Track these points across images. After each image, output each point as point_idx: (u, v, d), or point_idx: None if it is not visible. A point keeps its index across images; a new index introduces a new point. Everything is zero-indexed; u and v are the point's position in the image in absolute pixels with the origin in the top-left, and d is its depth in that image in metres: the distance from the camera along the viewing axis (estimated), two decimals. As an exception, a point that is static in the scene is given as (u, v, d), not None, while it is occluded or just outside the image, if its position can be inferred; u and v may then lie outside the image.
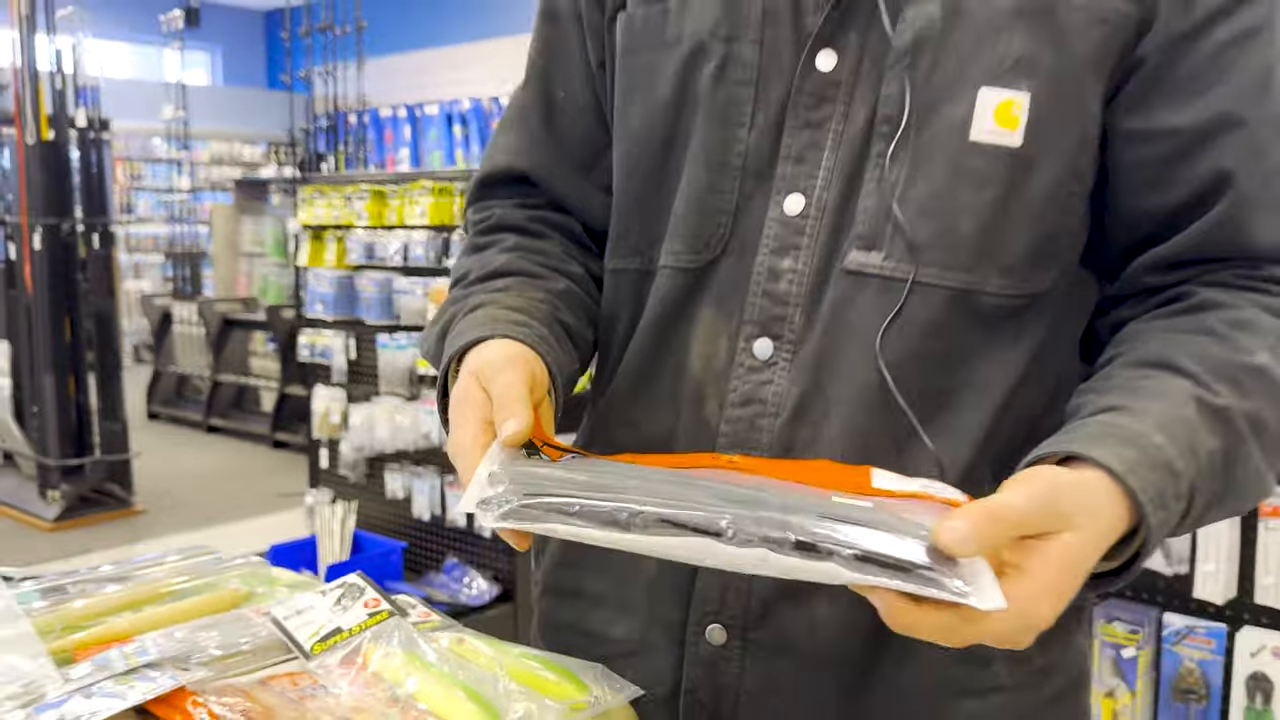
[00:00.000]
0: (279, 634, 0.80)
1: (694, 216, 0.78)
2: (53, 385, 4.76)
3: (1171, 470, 0.59)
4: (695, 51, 0.77)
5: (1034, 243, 0.71)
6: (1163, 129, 0.70)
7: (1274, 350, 0.67)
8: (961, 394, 0.72)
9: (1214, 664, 1.80)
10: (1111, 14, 0.68)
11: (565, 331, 0.81)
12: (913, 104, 0.70)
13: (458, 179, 3.14)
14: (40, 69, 4.56)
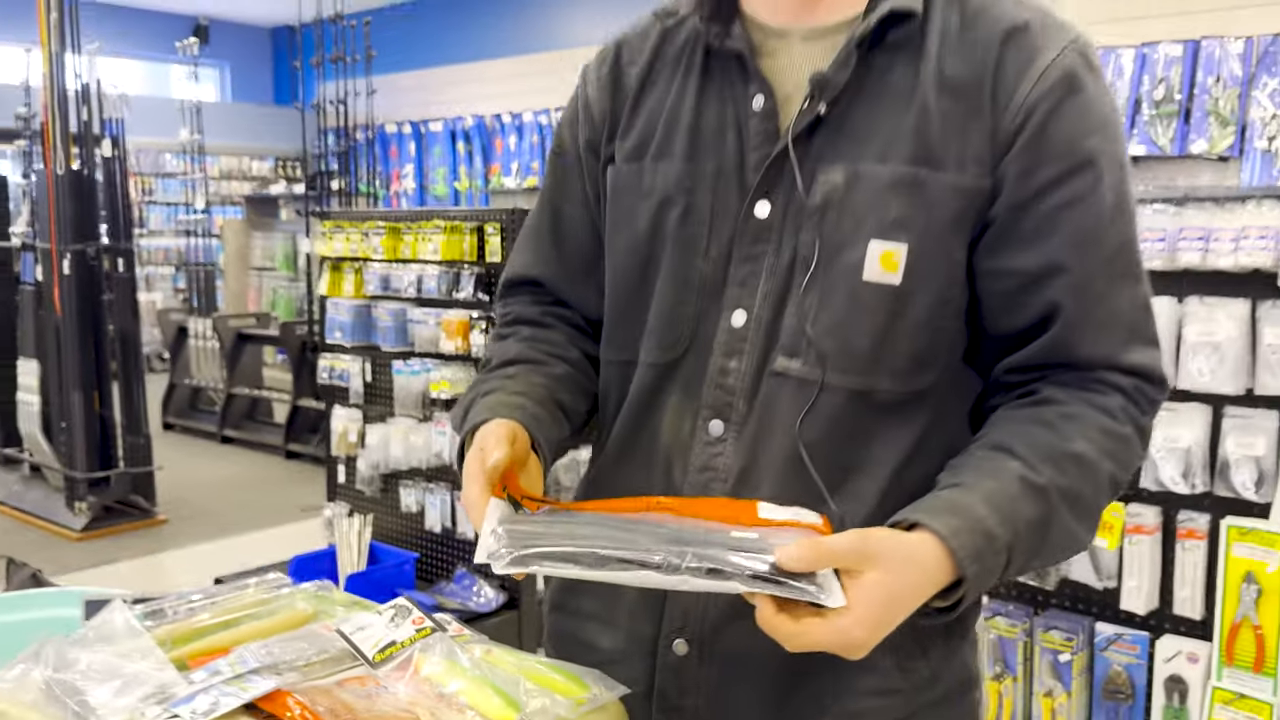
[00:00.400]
0: (347, 646, 1.05)
1: (664, 324, 1.02)
2: (80, 402, 4.99)
3: (989, 535, 0.82)
4: (664, 200, 1.01)
5: (914, 354, 0.94)
6: (1010, 270, 0.93)
7: (1090, 440, 0.89)
8: (862, 466, 0.95)
9: (1139, 667, 2.03)
10: (967, 188, 0.92)
11: (559, 408, 1.06)
12: (821, 250, 0.94)
13: (468, 219, 3.36)
14: (68, 92, 4.80)
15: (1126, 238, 0.93)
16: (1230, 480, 1.90)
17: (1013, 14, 0.94)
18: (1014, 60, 0.91)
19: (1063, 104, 0.90)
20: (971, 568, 0.81)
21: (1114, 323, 0.92)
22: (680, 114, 1.02)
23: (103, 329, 5.08)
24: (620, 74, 1.09)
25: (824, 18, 0.98)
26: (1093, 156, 0.91)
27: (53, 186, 4.80)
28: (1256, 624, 1.87)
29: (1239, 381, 1.86)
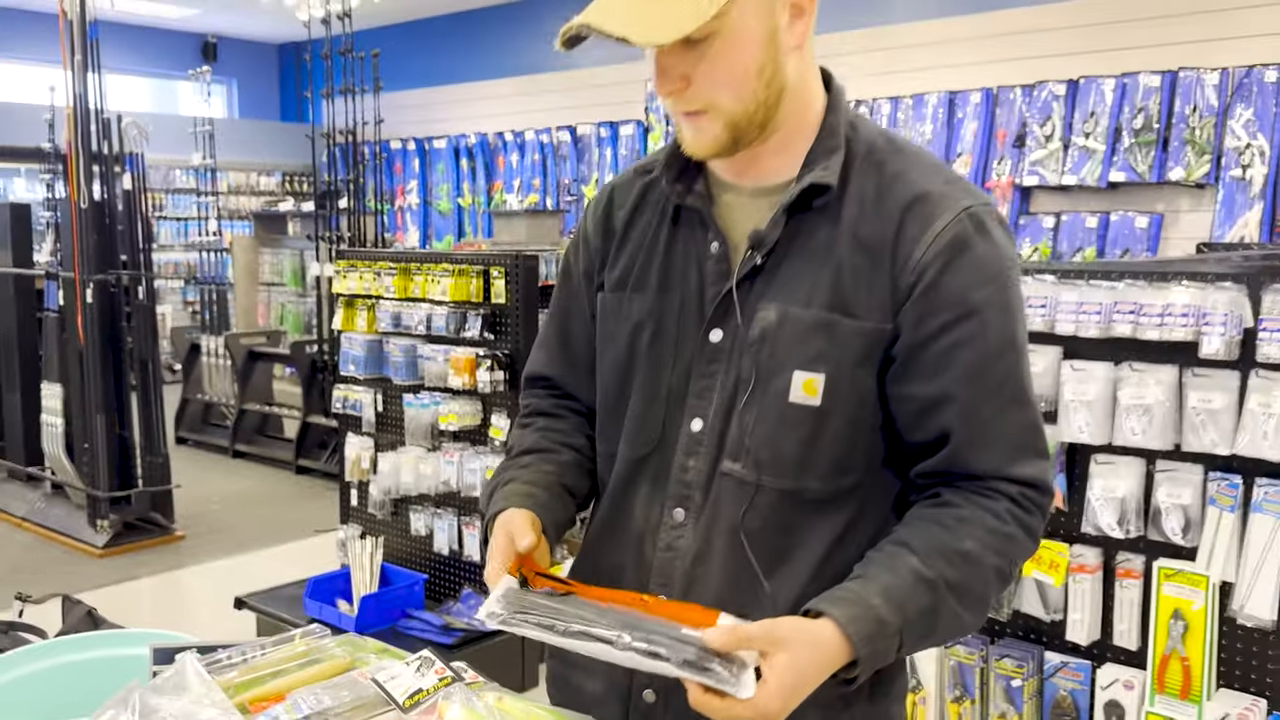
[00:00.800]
0: (381, 692, 1.27)
1: (638, 426, 1.25)
2: (102, 424, 5.21)
3: (881, 622, 1.03)
4: (638, 325, 1.25)
5: (834, 461, 1.16)
6: (911, 396, 1.14)
7: (977, 539, 1.10)
8: (793, 553, 1.17)
9: (1082, 692, 2.25)
10: (871, 331, 1.13)
11: (566, 491, 1.30)
12: (757, 375, 1.16)
13: (475, 263, 3.59)
14: (91, 132, 5.02)
15: (1011, 371, 1.14)
16: (1161, 526, 2.11)
17: (918, 184, 1.15)
18: (912, 226, 1.13)
19: (952, 263, 1.11)
20: (864, 649, 1.02)
21: (1001, 442, 1.13)
22: (655, 254, 1.26)
23: (123, 354, 5.29)
24: (611, 216, 1.32)
25: (767, 179, 1.20)
26: (978, 306, 1.12)
27: (76, 219, 5.02)
28: (1184, 656, 2.09)
29: (1167, 438, 2.08)
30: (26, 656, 1.71)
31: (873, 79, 7.51)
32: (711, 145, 1.15)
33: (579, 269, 1.35)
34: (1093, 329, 2.12)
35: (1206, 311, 2.00)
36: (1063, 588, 2.24)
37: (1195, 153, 5.99)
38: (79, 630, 2.10)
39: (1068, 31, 6.63)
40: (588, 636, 1.02)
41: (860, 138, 1.19)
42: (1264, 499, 2.01)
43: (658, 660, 0.98)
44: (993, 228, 1.15)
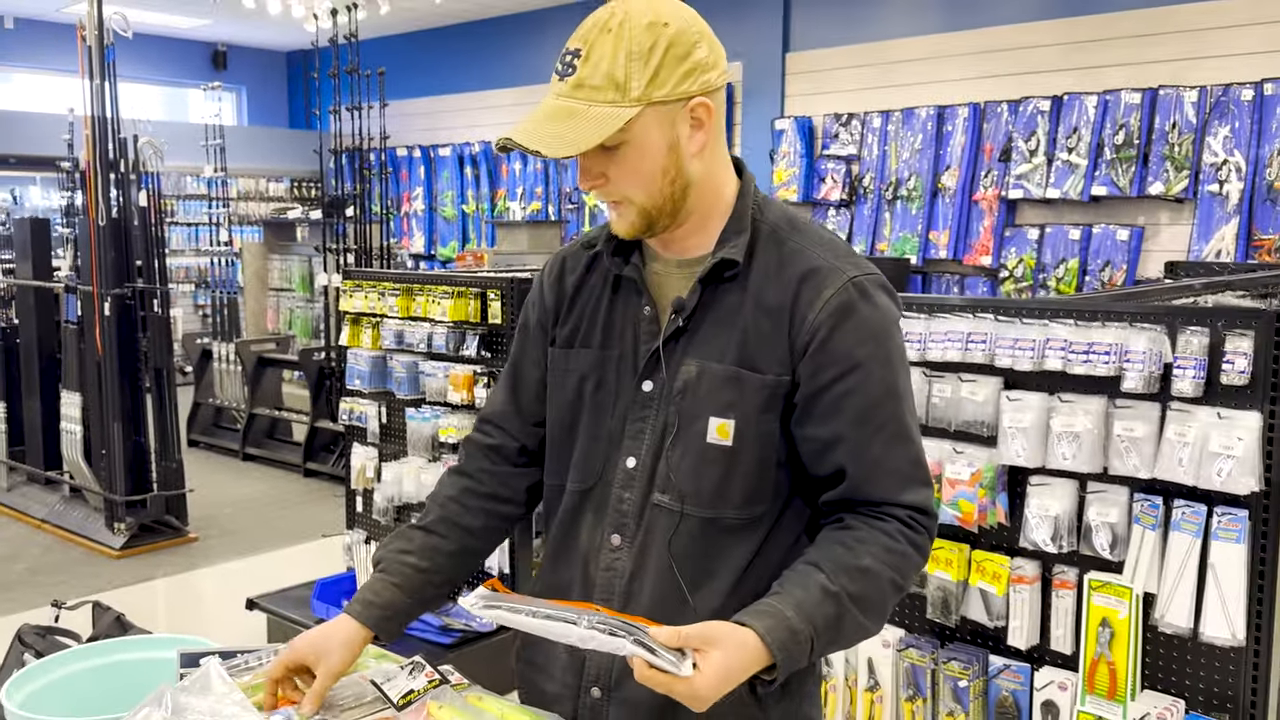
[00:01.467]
0: (379, 693, 1.49)
1: (582, 463, 1.47)
2: (119, 431, 5.44)
3: (794, 631, 1.22)
4: (582, 377, 1.47)
5: (746, 493, 1.37)
6: (809, 437, 1.35)
7: (874, 556, 1.30)
8: (714, 571, 1.38)
9: (1023, 693, 2.45)
10: (772, 383, 1.34)
11: (429, 586, 1.53)
12: (680, 420, 1.38)
13: (474, 285, 3.80)
14: (110, 153, 5.24)
15: (894, 414, 1.34)
16: (1091, 542, 2.32)
17: (811, 259, 1.37)
18: (806, 294, 1.34)
19: (839, 325, 1.33)
20: (780, 655, 1.22)
21: (890, 475, 1.34)
22: (598, 315, 1.48)
23: (139, 363, 5.52)
24: (563, 280, 1.54)
25: (688, 254, 1.43)
26: (862, 360, 1.33)
27: (95, 236, 5.25)
28: (1110, 660, 2.29)
29: (1096, 463, 2.28)
30: (66, 659, 1.93)
31: (864, 93, 7.72)
32: (629, 229, 1.38)
33: (534, 321, 1.57)
34: (1027, 363, 2.32)
35: (1128, 349, 2.20)
36: (1004, 597, 2.45)
37: (1174, 168, 6.18)
38: (109, 635, 2.31)
39: (1052, 49, 6.83)
40: (554, 619, 1.21)
41: (766, 219, 1.42)
42: (1181, 519, 2.21)
43: (615, 637, 1.17)
44: (874, 294, 1.37)
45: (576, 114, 1.27)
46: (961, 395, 2.44)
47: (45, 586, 5.05)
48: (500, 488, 1.58)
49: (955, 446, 2.45)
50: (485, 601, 1.28)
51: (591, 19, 1.30)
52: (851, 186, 7.71)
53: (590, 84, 1.27)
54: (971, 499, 2.43)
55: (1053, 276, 6.63)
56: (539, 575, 1.56)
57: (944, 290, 7.33)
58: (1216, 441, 2.11)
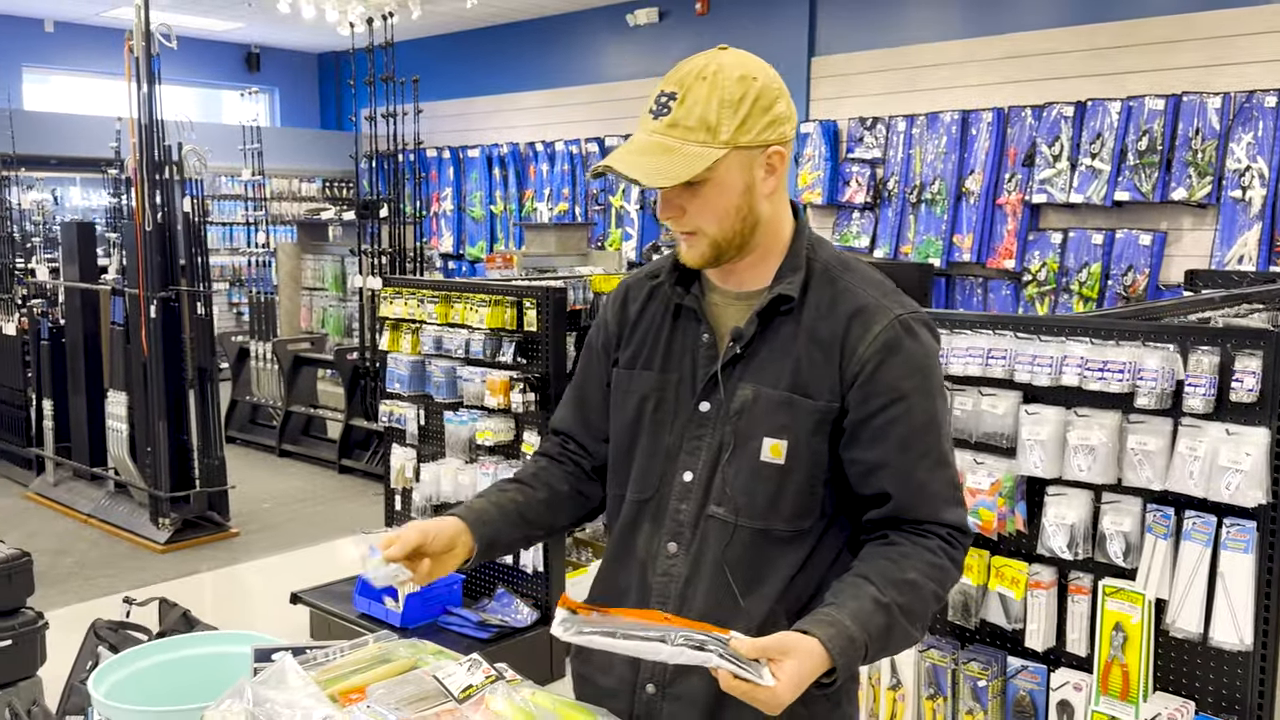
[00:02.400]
0: (441, 687, 1.62)
1: (642, 476, 1.60)
2: (164, 430, 5.62)
3: (851, 639, 1.33)
4: (643, 397, 1.60)
5: (796, 508, 1.49)
6: (856, 460, 1.48)
7: (918, 569, 1.42)
8: (764, 579, 1.51)
9: (1039, 693, 2.56)
10: (823, 409, 1.47)
11: (521, 519, 1.64)
12: (736, 439, 1.51)
13: (510, 293, 3.94)
14: (157, 159, 5.41)
15: (934, 442, 1.47)
16: (1106, 550, 2.42)
17: (861, 298, 1.50)
18: (856, 330, 1.48)
19: (886, 360, 1.46)
20: (840, 660, 1.33)
21: (931, 497, 1.47)
22: (659, 340, 1.61)
23: (183, 364, 5.70)
24: (626, 308, 1.68)
25: (746, 286, 1.56)
26: (907, 393, 1.46)
27: (141, 242, 5.42)
28: (1123, 662, 2.40)
29: (1110, 474, 2.39)
30: (142, 653, 2.08)
31: (890, 97, 7.80)
32: (699, 259, 1.52)
33: (599, 345, 1.71)
34: (1045, 378, 2.44)
35: (1142, 367, 2.31)
36: (1022, 601, 2.56)
37: (1197, 174, 6.23)
38: (176, 630, 2.46)
39: (1076, 55, 6.89)
40: (643, 639, 1.31)
41: (819, 257, 1.55)
42: (1193, 529, 2.32)
43: (702, 651, 1.28)
44: (919, 330, 1.50)
45: (671, 150, 1.42)
46: (982, 408, 2.55)
47: (94, 580, 5.24)
48: (580, 471, 1.72)
49: (976, 457, 2.56)
50: (575, 628, 1.37)
51: (688, 66, 1.45)
52: (876, 190, 7.80)
53: (685, 124, 1.41)
54: (991, 507, 2.54)
55: (1075, 281, 6.70)
56: (597, 579, 1.68)
57: (967, 293, 7.40)
58: (1226, 456, 2.22)
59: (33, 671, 3.02)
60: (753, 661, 1.29)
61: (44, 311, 6.75)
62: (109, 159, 7.60)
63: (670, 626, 1.34)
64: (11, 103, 9.87)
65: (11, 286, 7.09)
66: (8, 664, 2.95)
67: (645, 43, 9.66)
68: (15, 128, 8.15)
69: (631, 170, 1.43)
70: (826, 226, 8.30)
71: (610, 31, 9.92)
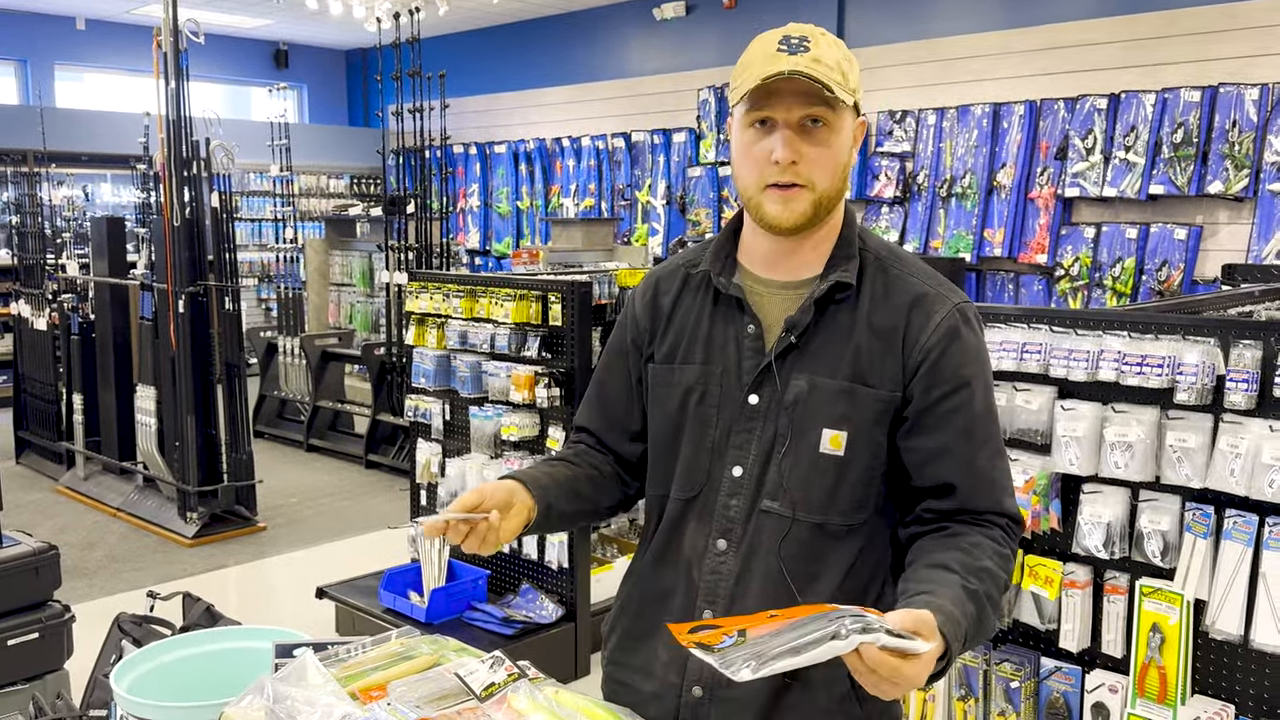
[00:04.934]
0: (463, 685, 1.60)
1: (686, 472, 1.55)
2: (192, 424, 5.65)
3: (957, 624, 1.26)
4: (688, 390, 1.55)
5: (853, 500, 1.46)
6: (918, 448, 1.44)
7: (991, 558, 1.38)
8: (820, 573, 1.47)
9: (1073, 694, 2.51)
10: (885, 398, 1.44)
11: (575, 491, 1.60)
12: (792, 431, 1.46)
13: (535, 288, 3.92)
14: (185, 155, 5.44)
15: (992, 430, 1.46)
16: (1143, 549, 2.37)
17: (918, 287, 1.48)
18: (917, 319, 1.45)
19: (949, 348, 1.44)
20: (955, 645, 1.27)
21: (992, 485, 1.44)
22: (699, 331, 1.57)
23: (211, 359, 5.73)
24: (658, 301, 1.63)
25: (793, 275, 1.52)
26: (968, 380, 1.44)
27: (169, 237, 5.45)
28: (1160, 664, 2.34)
29: (1149, 471, 2.33)
30: (165, 648, 2.07)
31: (920, 90, 7.71)
32: (798, 217, 1.45)
33: (626, 342, 1.66)
34: (1081, 374, 2.38)
35: (1181, 362, 2.25)
36: (1056, 601, 2.50)
37: (1234, 167, 6.12)
38: (200, 624, 2.46)
39: (1110, 47, 6.78)
40: (815, 645, 1.16)
41: (869, 247, 1.52)
42: (1233, 528, 2.26)
43: (868, 634, 1.16)
44: (973, 319, 1.49)
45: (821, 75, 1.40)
46: (1016, 404, 2.50)
47: (123, 573, 5.27)
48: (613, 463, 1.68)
49: (1010, 454, 2.51)
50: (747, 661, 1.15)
51: (796, 26, 1.46)
52: (905, 184, 7.72)
53: (825, 62, 1.40)
54: (1025, 505, 2.49)
55: (1109, 276, 6.60)
56: (634, 581, 1.64)
57: (999, 288, 7.31)
58: (1269, 453, 2.16)
59: (59, 665, 3.03)
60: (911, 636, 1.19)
61: (74, 306, 6.81)
62: (138, 155, 7.66)
63: (822, 615, 1.21)
64: (44, 100, 9.98)
65: (42, 282, 7.15)
66: (35, 657, 2.97)
67: (672, 37, 9.61)
68: (46, 125, 8.23)
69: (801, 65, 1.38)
70: (855, 221, 8.23)
71: (637, 26, 9.88)
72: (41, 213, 7.38)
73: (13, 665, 2.93)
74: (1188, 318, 2.37)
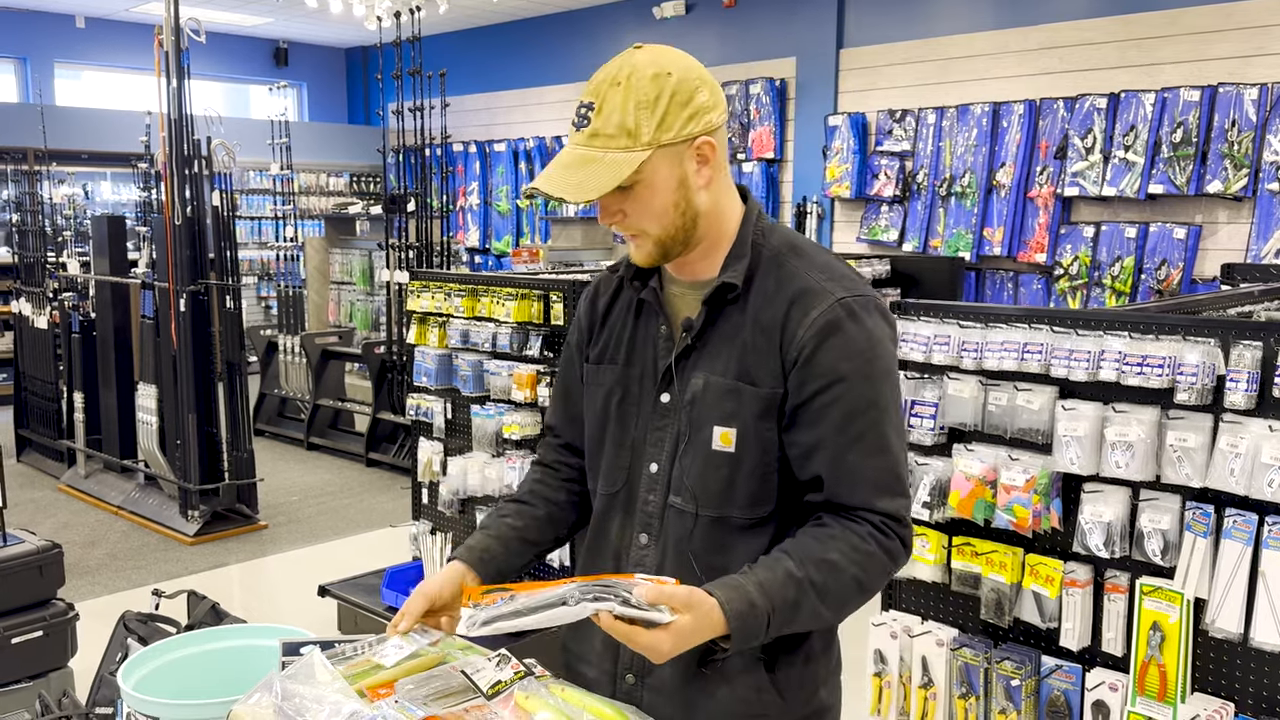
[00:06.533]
0: (469, 683, 1.61)
1: (610, 469, 1.62)
2: (193, 422, 5.66)
3: (752, 604, 1.33)
4: (610, 391, 1.62)
5: (750, 494, 1.49)
6: (795, 442, 1.47)
7: (841, 552, 1.41)
8: (728, 566, 1.48)
9: (1074, 693, 2.52)
10: (767, 395, 1.47)
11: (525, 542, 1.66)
12: (690, 428, 1.52)
13: (537, 287, 3.93)
14: (186, 153, 5.45)
15: (872, 426, 1.45)
16: (1144, 548, 2.38)
17: (803, 281, 1.50)
18: (796, 313, 1.47)
19: (825, 342, 1.45)
20: (735, 623, 1.33)
21: (864, 482, 1.45)
22: (624, 335, 1.63)
23: (212, 357, 5.74)
24: (596, 304, 1.71)
25: (698, 277, 1.57)
26: (845, 375, 1.44)
27: (170, 236, 5.46)
28: (1161, 663, 2.36)
29: (1149, 471, 2.34)
30: (172, 645, 2.08)
31: (919, 89, 7.72)
32: (646, 259, 1.53)
33: (574, 343, 1.73)
34: (1081, 373, 2.39)
35: (1182, 362, 2.26)
36: (1057, 599, 2.52)
37: (1233, 166, 6.13)
38: (205, 622, 2.47)
39: (1110, 46, 6.79)
40: (548, 606, 1.31)
41: (769, 243, 1.55)
42: (1233, 527, 2.27)
43: (600, 602, 1.28)
44: (862, 314, 1.48)
45: (593, 161, 1.42)
46: (1017, 404, 2.51)
47: (125, 571, 5.28)
48: (575, 473, 1.74)
49: (1011, 453, 2.52)
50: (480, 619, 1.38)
51: (602, 73, 1.44)
52: (905, 183, 7.73)
53: (604, 133, 1.41)
54: (1026, 504, 2.50)
55: (1108, 275, 6.61)
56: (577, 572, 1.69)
57: (998, 287, 7.33)
58: (1268, 453, 2.17)
59: (64, 662, 3.04)
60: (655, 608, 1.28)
61: (75, 305, 6.82)
62: (139, 154, 7.66)
63: (572, 584, 1.33)
64: (43, 98, 9.97)
65: (43, 280, 7.16)
66: (39, 655, 2.98)
67: (672, 36, 9.62)
68: (47, 123, 8.23)
69: (557, 188, 1.43)
70: (854, 220, 8.24)
71: (636, 24, 9.88)
72: (42, 211, 7.38)
73: (17, 663, 2.94)
74: (1188, 318, 2.38)
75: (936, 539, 2.64)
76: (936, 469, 2.61)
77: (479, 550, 1.62)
